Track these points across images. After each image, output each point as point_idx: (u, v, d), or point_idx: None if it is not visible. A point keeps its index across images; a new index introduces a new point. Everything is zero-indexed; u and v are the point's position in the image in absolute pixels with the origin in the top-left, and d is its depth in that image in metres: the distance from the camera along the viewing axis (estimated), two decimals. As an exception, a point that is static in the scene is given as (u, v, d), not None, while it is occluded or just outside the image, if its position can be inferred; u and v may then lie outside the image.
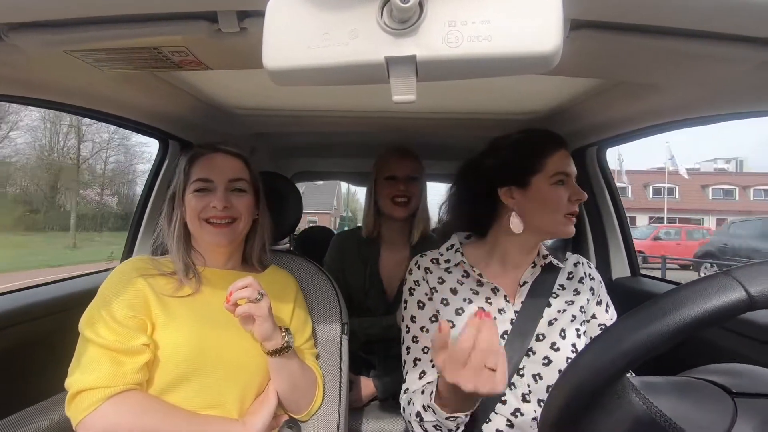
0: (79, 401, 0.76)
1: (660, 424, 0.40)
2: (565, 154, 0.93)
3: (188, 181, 0.94)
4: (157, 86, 1.07)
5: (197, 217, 0.92)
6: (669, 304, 0.40)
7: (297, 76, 0.43)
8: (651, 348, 0.40)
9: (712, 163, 33.42)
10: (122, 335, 0.79)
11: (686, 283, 0.42)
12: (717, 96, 0.90)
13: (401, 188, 1.48)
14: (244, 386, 0.88)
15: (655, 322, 0.40)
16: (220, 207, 0.91)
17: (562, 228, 0.92)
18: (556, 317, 0.93)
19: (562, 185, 0.92)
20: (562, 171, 0.92)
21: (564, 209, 0.91)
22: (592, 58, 0.73)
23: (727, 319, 0.39)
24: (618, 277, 1.64)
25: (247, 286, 0.81)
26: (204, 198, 0.92)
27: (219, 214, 0.92)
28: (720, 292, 0.39)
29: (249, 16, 0.61)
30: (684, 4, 0.52)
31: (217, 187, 0.93)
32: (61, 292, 1.22)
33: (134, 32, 0.64)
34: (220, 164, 0.96)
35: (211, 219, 0.92)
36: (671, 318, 0.39)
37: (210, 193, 0.93)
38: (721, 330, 1.09)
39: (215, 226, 0.92)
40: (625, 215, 1.67)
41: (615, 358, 0.41)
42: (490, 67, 0.42)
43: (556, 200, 0.91)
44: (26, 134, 22.89)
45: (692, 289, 0.41)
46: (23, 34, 0.64)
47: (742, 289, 0.38)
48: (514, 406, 0.88)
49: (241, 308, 0.80)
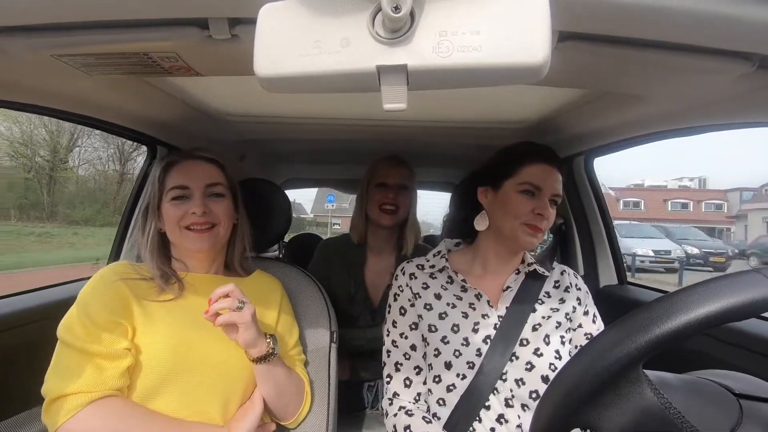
0: (57, 407, 0.73)
1: (671, 420, 0.40)
2: (544, 168, 0.94)
3: (164, 190, 0.93)
4: (147, 92, 1.07)
5: (177, 225, 0.91)
6: (698, 296, 0.41)
7: (288, 84, 0.44)
8: (679, 336, 0.40)
9: (678, 181, 38.54)
10: (103, 340, 0.78)
11: (715, 278, 0.43)
12: (699, 107, 0.92)
13: (390, 196, 1.47)
14: (227, 392, 0.87)
15: (683, 313, 0.40)
16: (199, 213, 0.91)
17: (521, 236, 0.93)
18: (541, 323, 0.94)
19: (530, 196, 0.93)
20: (530, 182, 0.93)
21: (523, 218, 0.92)
22: (579, 69, 0.75)
23: (753, 315, 0.39)
24: (605, 285, 1.66)
25: (227, 294, 0.80)
26: (182, 205, 0.92)
27: (199, 220, 0.91)
28: (751, 287, 0.40)
29: (240, 23, 0.61)
30: (667, 18, 0.53)
31: (194, 193, 0.93)
32: (42, 301, 1.20)
33: (124, 37, 0.64)
34: (196, 170, 0.95)
35: (191, 226, 0.91)
36: (699, 309, 0.40)
37: (187, 201, 0.92)
38: (720, 342, 1.10)
39: (195, 232, 0.92)
40: (612, 224, 1.69)
41: (627, 350, 0.41)
42: (479, 77, 0.42)
43: (516, 207, 0.93)
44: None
45: (720, 283, 0.41)
46: (10, 38, 0.63)
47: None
48: (498, 411, 0.89)
49: (221, 318, 0.79)
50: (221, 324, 0.80)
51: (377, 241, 1.55)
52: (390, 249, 1.56)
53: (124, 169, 20.62)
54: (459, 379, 0.91)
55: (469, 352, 0.92)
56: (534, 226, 0.92)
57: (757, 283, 0.40)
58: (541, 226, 0.92)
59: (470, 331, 0.93)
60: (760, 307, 0.39)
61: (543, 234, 0.94)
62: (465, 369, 0.91)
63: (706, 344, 1.12)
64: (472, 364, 0.91)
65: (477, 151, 1.74)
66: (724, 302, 0.39)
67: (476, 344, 0.92)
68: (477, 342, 0.92)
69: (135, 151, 19.87)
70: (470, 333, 0.93)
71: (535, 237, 0.92)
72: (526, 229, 0.92)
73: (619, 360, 0.41)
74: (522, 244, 0.94)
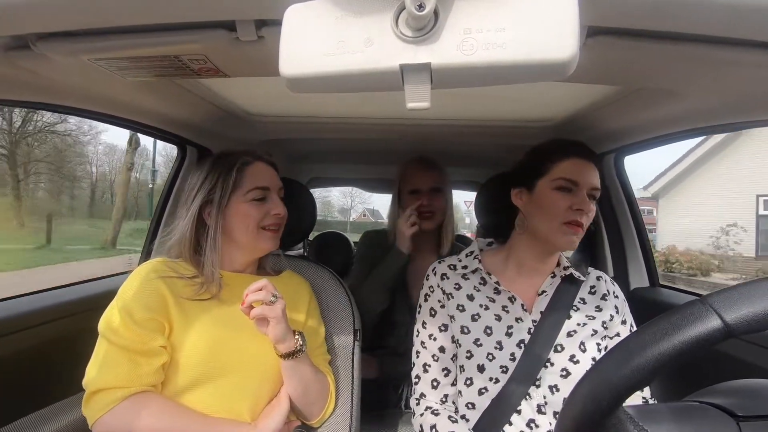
0: (96, 400, 0.77)
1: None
2: (577, 163, 0.91)
3: (238, 189, 0.94)
4: (176, 93, 1.10)
5: (256, 225, 0.93)
6: (649, 337, 0.40)
7: (313, 84, 0.44)
8: (635, 383, 0.39)
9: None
10: (140, 336, 0.81)
11: (664, 314, 0.42)
12: (739, 103, 0.88)
13: (425, 202, 1.45)
14: (257, 390, 0.89)
15: (636, 357, 0.40)
16: (282, 214, 0.96)
17: (559, 237, 0.89)
18: (576, 330, 0.91)
19: (566, 192, 0.90)
20: (565, 177, 0.90)
21: (561, 217, 0.89)
22: (609, 64, 0.72)
23: (705, 349, 0.38)
24: (636, 287, 1.61)
25: (261, 288, 0.82)
26: (263, 206, 0.95)
27: (278, 221, 0.95)
28: (696, 322, 0.38)
29: (266, 25, 0.62)
30: (703, 10, 0.51)
31: (272, 195, 0.97)
32: (82, 294, 1.25)
33: (155, 41, 0.66)
34: (270, 173, 0.99)
35: (269, 226, 0.95)
36: (651, 351, 0.39)
37: (265, 202, 0.95)
38: (742, 342, 1.05)
39: (271, 232, 0.95)
40: (644, 224, 1.64)
41: (605, 394, 0.40)
42: (504, 75, 0.41)
43: (552, 205, 0.90)
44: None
45: (668, 321, 0.40)
46: (51, 43, 0.67)
47: (718, 317, 0.38)
48: (529, 416, 0.87)
49: (255, 310, 0.81)
50: (254, 316, 0.82)
51: (417, 242, 1.52)
52: (430, 248, 1.54)
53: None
54: (492, 383, 0.89)
55: (502, 356, 0.90)
56: (574, 223, 0.88)
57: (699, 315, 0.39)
58: (582, 221, 0.89)
59: (504, 335, 0.91)
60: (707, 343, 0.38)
61: (583, 232, 0.90)
62: (498, 373, 0.89)
63: (739, 349, 1.07)
64: (506, 368, 0.89)
65: (503, 150, 1.72)
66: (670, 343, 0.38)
67: (510, 348, 0.90)
68: (511, 346, 0.90)
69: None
70: (503, 336, 0.91)
71: (575, 235, 0.89)
72: (566, 228, 0.88)
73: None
74: (561, 245, 0.91)
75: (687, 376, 0.88)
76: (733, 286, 0.40)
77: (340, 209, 36.80)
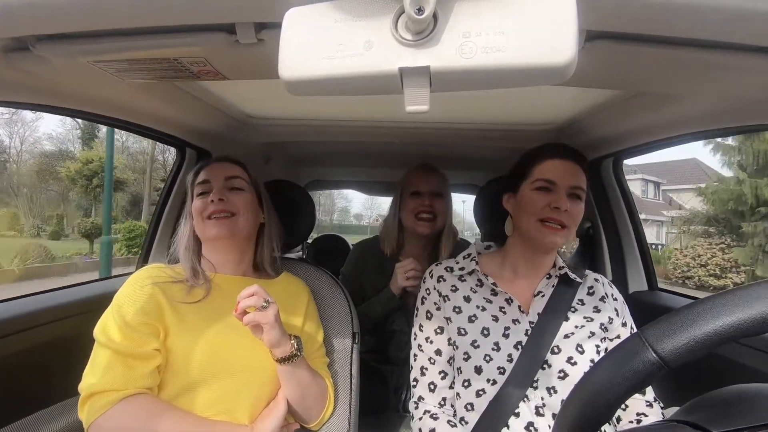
0: (91, 404, 0.77)
1: None
2: (556, 163, 0.92)
3: (193, 191, 1.01)
4: (176, 95, 1.10)
5: (200, 217, 0.97)
6: (603, 372, 0.40)
7: (312, 86, 0.44)
8: (599, 420, 0.40)
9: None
10: (134, 340, 0.81)
11: (612, 349, 0.42)
12: (739, 107, 0.88)
13: (426, 203, 1.45)
14: (255, 393, 0.89)
15: (593, 395, 0.40)
16: (216, 199, 0.96)
17: (539, 235, 0.91)
18: (573, 331, 0.91)
19: (545, 192, 0.91)
20: (543, 178, 0.92)
21: (538, 214, 0.90)
22: (608, 69, 0.72)
23: (647, 383, 0.38)
24: (635, 290, 1.61)
25: (252, 294, 0.82)
26: (204, 198, 0.98)
27: (216, 208, 0.96)
28: (634, 358, 0.38)
29: (266, 28, 0.62)
30: (702, 15, 0.51)
31: (214, 186, 0.99)
32: (78, 296, 1.25)
33: (155, 43, 0.66)
34: (217, 168, 1.02)
35: (212, 215, 0.96)
36: (604, 388, 0.39)
37: (209, 194, 0.98)
38: (741, 346, 1.05)
39: (215, 220, 0.96)
40: (642, 227, 1.64)
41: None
42: (504, 79, 0.41)
43: (530, 203, 0.92)
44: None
45: (614, 357, 0.40)
46: (50, 45, 0.67)
47: (651, 351, 0.38)
48: (527, 419, 0.86)
49: (248, 316, 0.81)
50: (247, 323, 0.82)
51: (414, 249, 1.53)
52: (427, 257, 1.53)
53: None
54: (489, 385, 0.89)
55: (500, 357, 0.90)
56: (552, 222, 0.89)
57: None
58: (561, 219, 0.89)
59: (501, 336, 0.92)
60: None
61: (567, 231, 0.90)
62: (496, 374, 0.89)
63: (738, 353, 1.07)
64: (503, 369, 0.89)
65: (502, 153, 1.72)
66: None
67: (507, 350, 0.90)
68: (508, 347, 0.90)
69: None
70: (501, 338, 0.91)
71: (557, 235, 0.89)
72: (544, 228, 0.90)
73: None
74: (543, 244, 0.92)
75: (692, 380, 0.88)
76: (667, 315, 0.40)
77: (356, 215, 40.51)
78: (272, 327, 0.83)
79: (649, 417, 0.88)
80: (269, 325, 0.82)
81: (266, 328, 0.83)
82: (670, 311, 0.40)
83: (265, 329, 0.83)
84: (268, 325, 0.82)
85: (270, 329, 0.83)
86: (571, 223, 0.90)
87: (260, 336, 0.84)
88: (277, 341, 0.84)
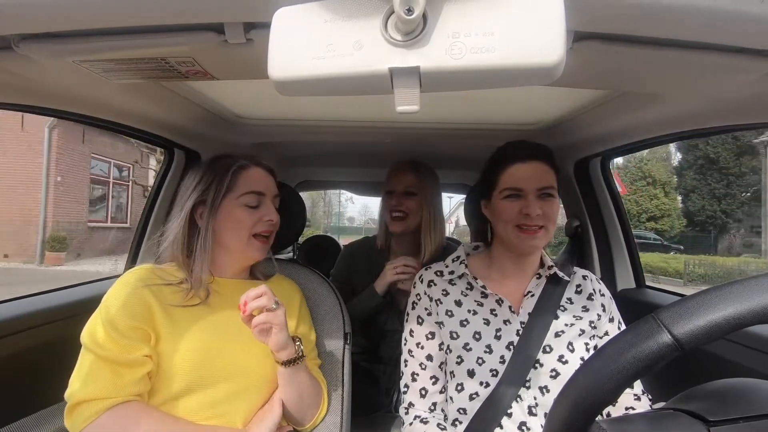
0: (78, 413, 0.75)
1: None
2: (519, 168, 0.93)
3: (231, 192, 0.92)
4: (164, 96, 1.09)
5: (247, 231, 0.91)
6: (609, 354, 0.40)
7: (302, 87, 0.44)
8: (600, 402, 0.40)
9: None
10: (123, 346, 0.78)
11: (622, 331, 0.42)
12: (720, 107, 0.90)
13: (393, 203, 1.46)
14: (249, 397, 0.88)
15: (599, 376, 0.40)
16: (275, 220, 0.93)
17: (516, 240, 0.92)
18: (564, 330, 0.92)
19: (515, 199, 0.92)
20: (510, 186, 0.92)
21: (513, 221, 0.91)
22: (596, 69, 0.73)
23: (659, 365, 0.38)
24: (623, 288, 1.63)
25: (261, 295, 0.79)
26: (256, 212, 0.92)
27: (270, 229, 0.93)
28: (647, 340, 0.38)
29: (255, 28, 0.62)
30: (687, 16, 0.52)
31: (267, 201, 0.94)
32: (65, 300, 1.22)
33: (142, 43, 0.65)
34: (267, 179, 0.97)
35: (262, 233, 0.92)
36: (611, 369, 0.39)
37: (258, 208, 0.93)
38: (728, 343, 1.07)
39: (261, 241, 0.93)
40: (630, 225, 1.66)
41: (576, 414, 0.41)
42: (493, 79, 0.42)
43: (502, 212, 0.93)
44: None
45: (624, 340, 0.40)
46: (34, 44, 0.65)
47: (668, 332, 0.38)
48: (520, 419, 0.87)
49: (258, 318, 0.79)
50: (257, 324, 0.79)
51: (401, 247, 1.53)
52: (414, 254, 1.51)
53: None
54: (482, 387, 0.89)
55: (492, 359, 0.90)
56: (527, 227, 0.90)
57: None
58: (536, 223, 0.90)
59: (493, 338, 0.92)
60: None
61: (545, 231, 0.91)
62: (488, 377, 0.89)
63: (725, 350, 1.09)
64: (496, 372, 0.89)
65: (491, 152, 1.72)
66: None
67: (500, 351, 0.90)
68: (500, 349, 0.91)
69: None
70: (493, 340, 0.92)
71: (533, 239, 0.90)
72: (522, 233, 0.91)
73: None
74: (523, 249, 0.93)
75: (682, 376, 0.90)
76: (681, 300, 0.40)
77: (349, 218, 44.21)
78: (282, 329, 0.81)
79: (637, 411, 0.89)
80: (280, 326, 0.80)
81: (276, 330, 0.80)
82: (657, 308, 0.41)
83: (274, 331, 0.80)
84: (279, 326, 0.80)
85: (279, 331, 0.81)
86: (547, 222, 0.91)
87: (265, 339, 0.82)
88: (285, 343, 0.82)
